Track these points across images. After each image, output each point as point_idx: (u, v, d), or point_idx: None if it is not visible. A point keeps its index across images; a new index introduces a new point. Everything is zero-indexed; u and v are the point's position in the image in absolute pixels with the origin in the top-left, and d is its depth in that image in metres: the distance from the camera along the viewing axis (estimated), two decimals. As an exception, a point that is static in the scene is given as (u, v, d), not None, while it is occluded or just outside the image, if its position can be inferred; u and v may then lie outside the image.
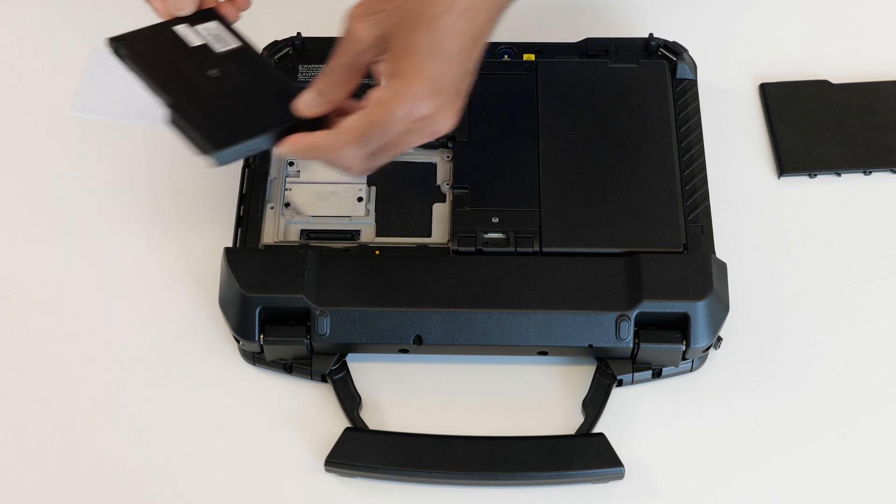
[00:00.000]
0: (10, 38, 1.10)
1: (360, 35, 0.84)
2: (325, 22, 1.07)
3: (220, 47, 0.91)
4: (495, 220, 0.93)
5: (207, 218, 0.99)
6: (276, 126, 0.86)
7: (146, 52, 0.92)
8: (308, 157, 0.87)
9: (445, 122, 0.84)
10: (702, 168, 0.96)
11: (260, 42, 1.03)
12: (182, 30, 0.92)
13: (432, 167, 0.97)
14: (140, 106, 1.06)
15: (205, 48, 0.91)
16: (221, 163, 0.85)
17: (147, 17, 1.09)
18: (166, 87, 0.89)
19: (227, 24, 0.92)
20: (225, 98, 0.88)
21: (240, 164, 0.98)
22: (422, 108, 0.82)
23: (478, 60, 0.85)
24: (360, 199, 0.96)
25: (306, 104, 0.86)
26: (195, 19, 0.92)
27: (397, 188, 0.96)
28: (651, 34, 1.02)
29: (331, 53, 0.85)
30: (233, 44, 0.91)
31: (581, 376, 0.92)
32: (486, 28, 0.84)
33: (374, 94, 0.83)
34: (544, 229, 0.92)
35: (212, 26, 0.92)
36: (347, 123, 0.84)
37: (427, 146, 0.96)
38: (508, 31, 1.05)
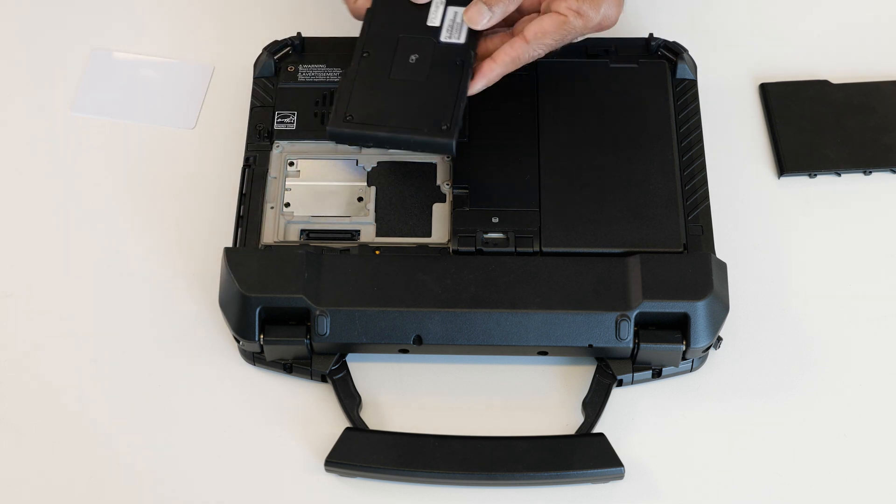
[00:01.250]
0: (10, 37, 1.10)
1: None
2: (325, 22, 1.07)
3: (445, 36, 0.92)
4: (495, 220, 0.93)
5: (207, 218, 0.99)
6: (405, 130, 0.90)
7: (391, 5, 0.95)
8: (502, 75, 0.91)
9: (617, 18, 0.92)
10: (702, 168, 0.96)
11: (260, 42, 1.03)
12: (436, 3, 0.94)
13: (432, 167, 0.97)
14: (140, 106, 1.06)
15: (432, 30, 0.93)
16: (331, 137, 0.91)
17: (146, 17, 1.10)
18: (363, 50, 0.92)
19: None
20: (391, 89, 0.92)
21: (239, 163, 0.98)
22: (613, 13, 0.90)
23: None
24: (360, 199, 0.96)
25: (478, 14, 0.91)
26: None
27: (397, 188, 0.96)
28: (651, 34, 1.02)
29: None
30: (458, 39, 0.93)
31: (581, 376, 0.92)
32: None
33: (570, 3, 0.89)
34: (544, 229, 0.92)
35: (460, 12, 0.93)
36: (542, 29, 0.90)
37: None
38: (508, 31, 1.05)
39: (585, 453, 0.87)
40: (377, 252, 0.92)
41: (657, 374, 0.91)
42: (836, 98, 1.04)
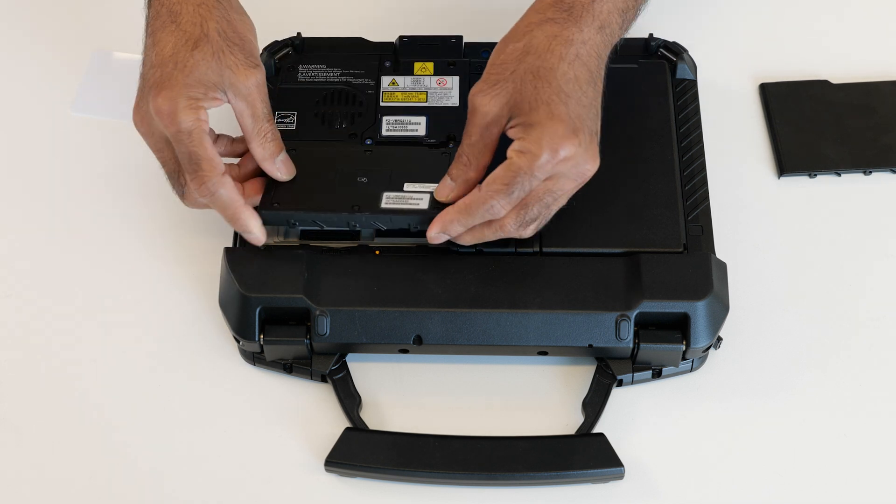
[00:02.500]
0: (11, 37, 1.10)
1: (486, 108, 0.86)
2: (325, 22, 1.07)
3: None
4: (495, 220, 0.93)
5: (207, 218, 0.99)
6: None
7: None
8: (461, 227, 0.87)
9: (589, 163, 0.85)
10: (702, 168, 0.96)
11: (260, 42, 1.03)
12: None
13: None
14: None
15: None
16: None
17: (143, 17, 1.09)
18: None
19: None
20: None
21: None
22: (565, 148, 0.83)
23: (600, 102, 0.87)
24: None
25: (443, 192, 0.89)
26: None
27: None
28: (651, 34, 1.02)
29: (464, 133, 0.87)
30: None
31: (581, 376, 0.92)
32: (599, 71, 0.87)
33: (514, 146, 0.84)
34: (544, 229, 0.92)
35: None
36: (491, 175, 0.85)
37: (429, 146, 0.96)
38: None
39: (585, 453, 0.87)
40: (377, 252, 0.92)
41: (657, 374, 0.91)
42: (836, 98, 1.04)
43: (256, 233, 0.90)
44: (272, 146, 0.90)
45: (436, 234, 0.88)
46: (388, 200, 0.91)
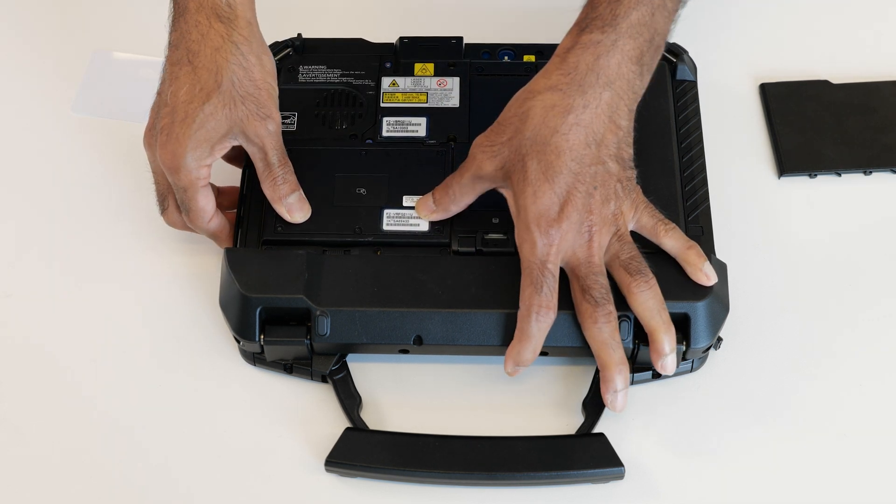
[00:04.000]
0: (11, 37, 1.10)
1: (482, 165, 0.89)
2: (325, 22, 1.07)
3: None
4: (495, 220, 0.93)
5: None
6: None
7: None
8: (532, 353, 0.87)
9: (592, 215, 0.87)
10: (702, 168, 0.96)
11: (260, 42, 1.04)
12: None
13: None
14: (140, 106, 1.06)
15: None
16: None
17: (144, 17, 1.10)
18: None
19: None
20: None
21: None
22: (553, 228, 0.86)
23: (613, 153, 0.88)
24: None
25: (424, 207, 0.92)
26: None
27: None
28: (651, 34, 1.02)
29: (457, 170, 0.91)
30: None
31: (581, 376, 0.92)
32: (607, 127, 0.88)
33: (515, 232, 0.88)
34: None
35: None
36: (521, 290, 0.87)
37: (429, 146, 0.96)
38: (509, 32, 1.06)
39: (585, 453, 0.87)
40: (378, 252, 0.92)
41: (657, 375, 0.91)
42: (836, 98, 1.04)
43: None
44: (283, 188, 0.92)
45: (512, 369, 0.88)
46: (389, 220, 0.93)
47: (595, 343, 0.87)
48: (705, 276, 0.88)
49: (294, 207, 0.93)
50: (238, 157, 0.96)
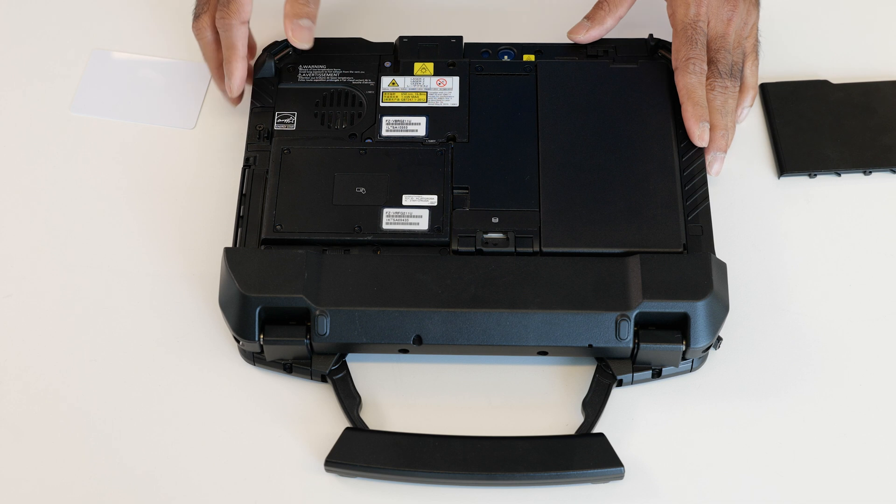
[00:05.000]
0: (11, 37, 1.10)
1: None
2: (324, 22, 1.07)
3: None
4: (495, 220, 0.93)
5: (207, 218, 0.99)
6: None
7: None
8: (701, 107, 0.96)
9: (746, 6, 0.99)
10: (702, 168, 0.96)
11: (260, 42, 1.04)
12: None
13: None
14: (140, 106, 1.06)
15: None
16: None
17: (144, 17, 1.10)
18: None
19: None
20: None
21: (239, 164, 0.98)
22: None
23: None
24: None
25: (580, 29, 1.01)
26: None
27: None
28: (651, 34, 1.02)
29: None
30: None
31: (581, 376, 0.92)
32: None
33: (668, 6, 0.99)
34: (544, 229, 0.92)
35: None
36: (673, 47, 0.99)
37: (429, 146, 0.96)
38: (508, 31, 1.06)
39: (585, 453, 0.87)
40: (377, 252, 0.92)
41: (657, 374, 0.91)
42: (836, 98, 1.04)
43: (237, 81, 0.98)
44: (303, 9, 0.96)
45: (700, 129, 0.96)
46: (389, 219, 0.93)
47: (709, 108, 0.96)
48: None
49: (302, 31, 0.96)
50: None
